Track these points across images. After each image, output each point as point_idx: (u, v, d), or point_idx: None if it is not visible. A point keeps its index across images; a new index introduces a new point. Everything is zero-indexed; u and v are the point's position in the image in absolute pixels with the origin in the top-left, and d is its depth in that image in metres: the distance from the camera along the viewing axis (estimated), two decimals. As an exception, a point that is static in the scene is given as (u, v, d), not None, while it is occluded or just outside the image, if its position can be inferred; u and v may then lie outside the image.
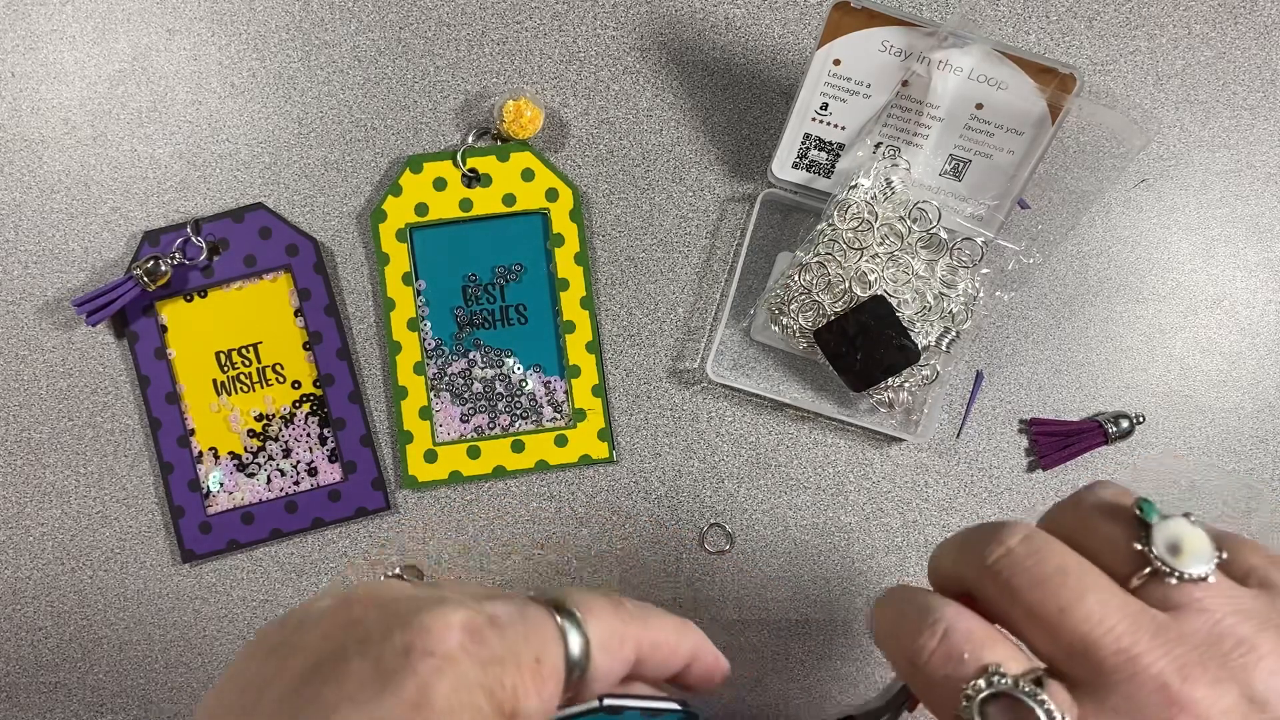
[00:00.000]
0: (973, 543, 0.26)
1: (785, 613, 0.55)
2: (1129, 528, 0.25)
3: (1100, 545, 0.25)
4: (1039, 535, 0.25)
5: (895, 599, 0.28)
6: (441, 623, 0.24)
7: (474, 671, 0.23)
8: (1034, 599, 0.24)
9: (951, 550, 0.28)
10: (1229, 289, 0.56)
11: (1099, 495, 0.26)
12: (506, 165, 0.54)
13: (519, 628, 0.25)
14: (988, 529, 0.26)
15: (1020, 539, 0.25)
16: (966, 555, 0.27)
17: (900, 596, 0.28)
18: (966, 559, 0.27)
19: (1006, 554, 0.25)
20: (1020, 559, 0.25)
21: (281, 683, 0.23)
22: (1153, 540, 0.24)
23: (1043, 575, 0.24)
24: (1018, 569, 0.25)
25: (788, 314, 0.52)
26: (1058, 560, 0.25)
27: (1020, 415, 0.56)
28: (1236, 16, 0.55)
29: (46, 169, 0.54)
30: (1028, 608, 0.24)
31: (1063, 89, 0.48)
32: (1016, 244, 0.52)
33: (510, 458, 0.54)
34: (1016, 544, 0.25)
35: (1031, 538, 0.25)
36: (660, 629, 0.29)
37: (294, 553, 0.55)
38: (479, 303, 0.55)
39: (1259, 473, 0.56)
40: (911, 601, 0.27)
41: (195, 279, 0.54)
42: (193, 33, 0.55)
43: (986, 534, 0.26)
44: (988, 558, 0.25)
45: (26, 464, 0.55)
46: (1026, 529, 0.26)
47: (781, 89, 0.55)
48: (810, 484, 0.55)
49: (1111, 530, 0.25)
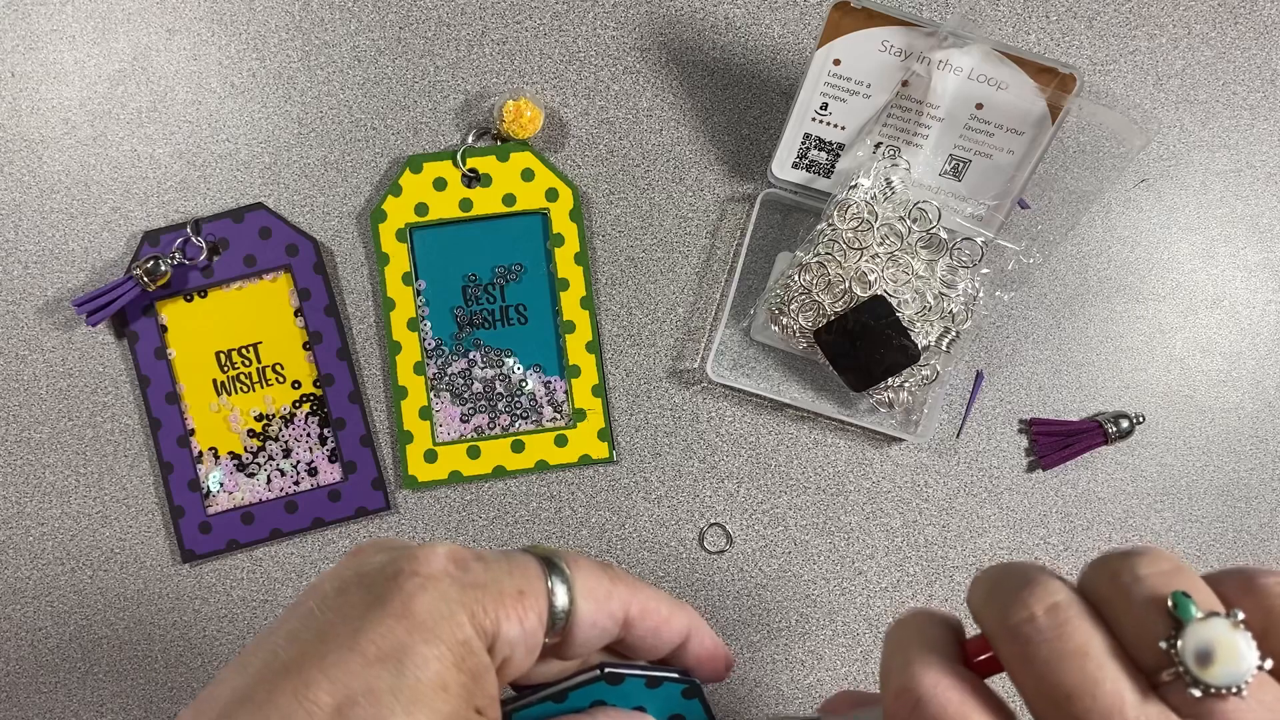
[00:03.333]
0: (1002, 591, 0.25)
1: (785, 613, 0.55)
2: (1162, 621, 0.23)
3: (1129, 630, 0.23)
4: (1067, 606, 0.24)
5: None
6: (429, 551, 0.26)
7: (455, 591, 0.26)
8: (1046, 675, 0.23)
9: (982, 590, 0.27)
10: (1229, 289, 0.56)
11: (1139, 571, 0.24)
12: (506, 165, 0.54)
13: (503, 564, 0.27)
14: (1018, 579, 0.25)
15: (1047, 608, 0.24)
16: (992, 604, 0.25)
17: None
18: (991, 608, 0.25)
19: (1030, 620, 0.24)
20: (1042, 630, 0.23)
21: (288, 624, 0.26)
22: (1183, 645, 0.22)
23: (1061, 653, 0.23)
24: (1037, 641, 0.23)
25: (788, 314, 0.52)
26: (1081, 640, 0.23)
27: (1020, 415, 0.56)
28: (1236, 16, 0.55)
29: (46, 169, 0.54)
30: (1037, 681, 0.23)
31: (1063, 89, 0.48)
32: (1016, 244, 0.52)
33: (510, 458, 0.54)
34: (1042, 613, 0.24)
35: (1058, 608, 0.24)
36: (651, 597, 0.30)
37: (294, 553, 0.55)
38: (479, 303, 0.55)
39: (1259, 473, 0.56)
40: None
41: (195, 279, 0.54)
42: (193, 33, 0.55)
43: (1014, 587, 0.25)
44: (1010, 618, 0.24)
45: (26, 464, 0.55)
46: (1057, 594, 0.24)
47: (781, 89, 0.55)
48: (810, 484, 0.55)
49: (1144, 618, 0.23)
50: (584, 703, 0.30)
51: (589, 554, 0.55)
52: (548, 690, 0.29)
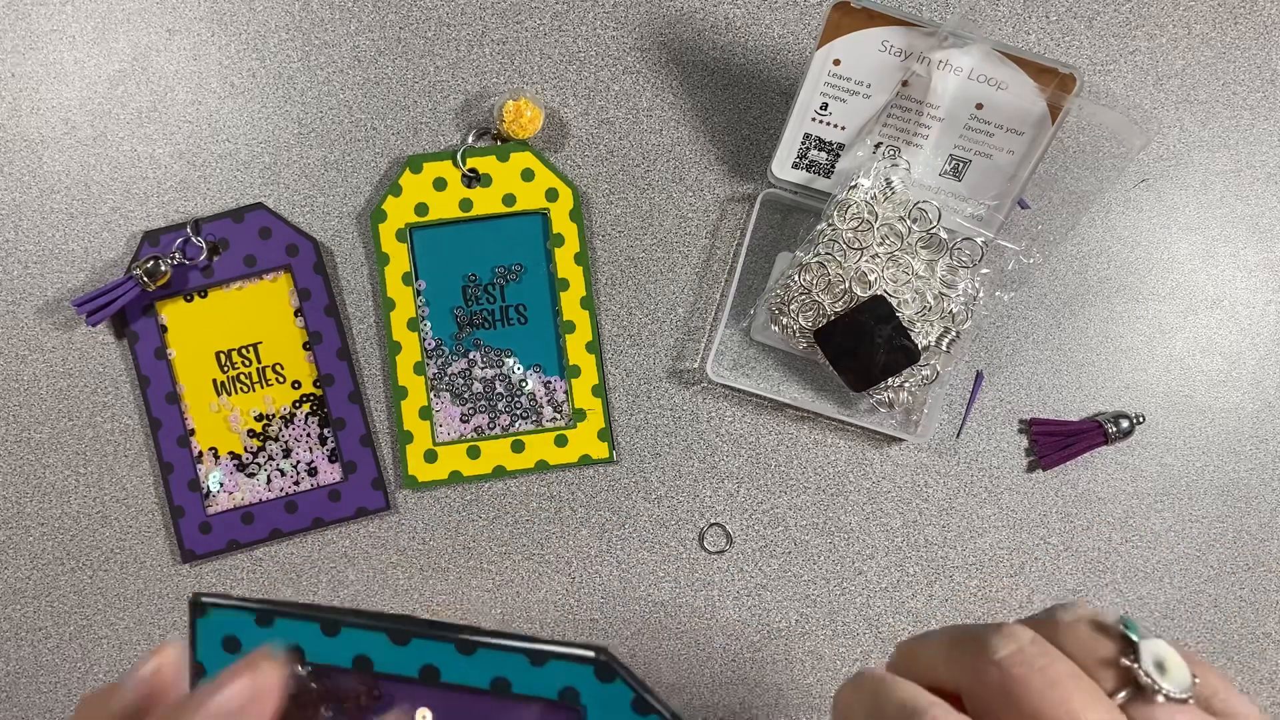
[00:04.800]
0: (972, 638, 0.25)
1: (785, 613, 0.55)
2: (1116, 643, 0.25)
3: (1084, 659, 0.25)
4: (1040, 640, 0.25)
5: (869, 689, 0.26)
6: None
7: None
8: (1043, 700, 0.23)
9: (940, 644, 0.27)
10: (1229, 289, 0.56)
11: (1077, 611, 0.26)
12: (506, 165, 0.54)
13: None
14: (987, 628, 0.26)
15: (1032, 639, 0.24)
16: (963, 650, 0.25)
17: (875, 688, 0.26)
18: (962, 654, 0.25)
19: (1019, 651, 0.24)
20: (1034, 658, 0.24)
21: None
22: (1140, 657, 0.24)
23: (1056, 677, 0.23)
24: (1032, 667, 0.24)
25: (788, 314, 0.52)
26: (1069, 666, 0.24)
27: (1020, 415, 0.56)
28: (1236, 16, 0.55)
29: (46, 169, 0.54)
30: (1035, 710, 0.23)
31: (1063, 89, 0.48)
32: (1016, 244, 0.52)
33: (510, 458, 0.54)
34: (1029, 643, 0.24)
35: (1041, 641, 0.25)
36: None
37: (294, 553, 0.55)
38: (479, 303, 0.55)
39: (1259, 473, 0.56)
40: (891, 696, 0.25)
41: (195, 279, 0.54)
42: (193, 33, 0.55)
43: (989, 631, 0.25)
44: (996, 652, 0.24)
45: (26, 464, 0.55)
46: (1025, 632, 0.25)
47: (781, 89, 0.55)
48: (810, 484, 0.55)
49: (1097, 644, 0.25)
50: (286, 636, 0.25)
51: (592, 553, 0.55)
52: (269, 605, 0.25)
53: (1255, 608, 0.56)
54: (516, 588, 0.55)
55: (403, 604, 0.55)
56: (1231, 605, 0.56)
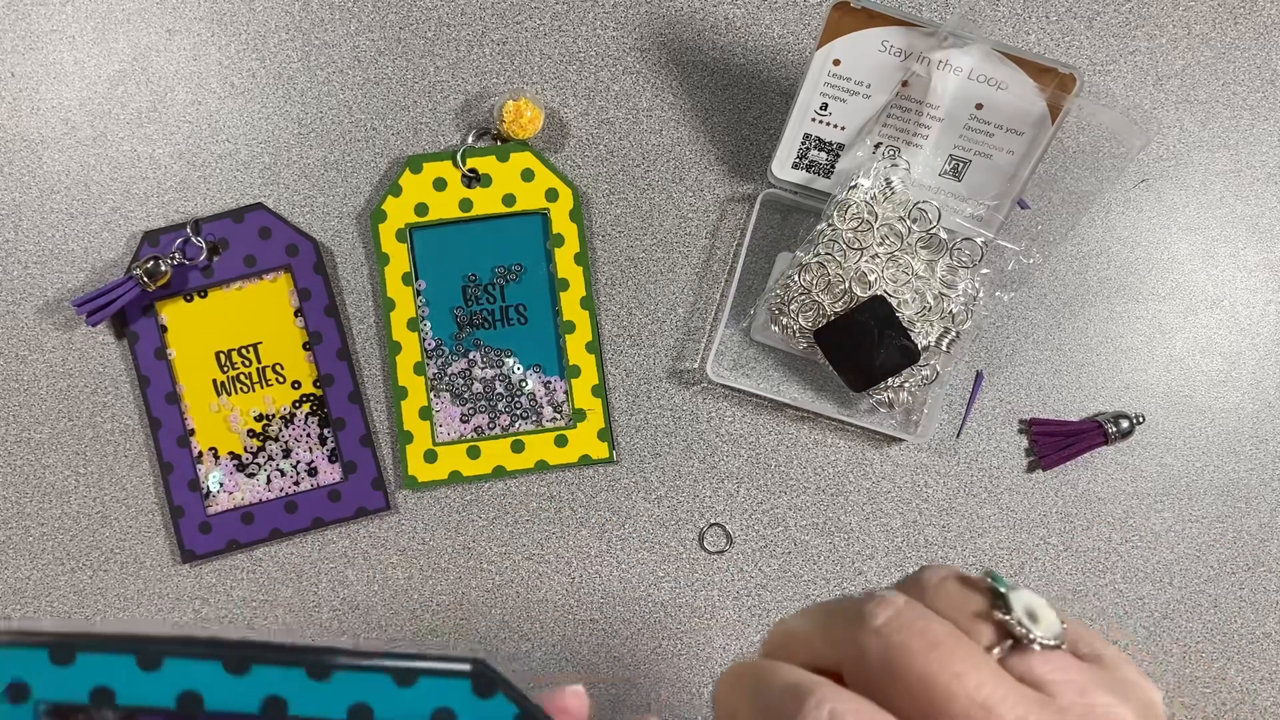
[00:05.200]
0: (847, 610, 0.24)
1: (785, 613, 0.55)
2: (986, 597, 0.24)
3: (958, 616, 0.24)
4: (918, 603, 0.24)
5: (749, 678, 0.25)
6: None
7: None
8: (927, 664, 0.22)
9: (815, 618, 0.25)
10: (1229, 289, 0.56)
11: (942, 571, 0.25)
12: (506, 165, 0.54)
13: None
14: (859, 598, 0.24)
15: (906, 603, 0.24)
16: (839, 622, 0.24)
17: (755, 676, 0.24)
18: (839, 626, 0.24)
19: (896, 616, 0.23)
20: (911, 621, 0.23)
21: None
22: (1012, 608, 0.24)
23: (936, 639, 0.23)
24: (910, 631, 0.23)
25: (788, 314, 0.52)
26: (946, 626, 0.23)
27: (1020, 415, 0.56)
28: (1236, 16, 0.55)
29: (46, 169, 0.54)
30: (920, 675, 0.22)
31: (1063, 89, 0.48)
32: (1016, 244, 0.52)
33: (510, 458, 0.54)
34: (904, 607, 0.23)
35: (914, 604, 0.24)
36: None
37: (294, 553, 0.55)
38: (479, 303, 0.55)
39: (1259, 473, 0.56)
40: (773, 681, 0.24)
41: (195, 279, 0.54)
42: (193, 33, 0.55)
43: (862, 601, 0.24)
44: (873, 619, 0.23)
45: (26, 464, 0.55)
46: (898, 596, 0.24)
47: (781, 89, 0.55)
48: (810, 484, 0.55)
49: (968, 600, 0.24)
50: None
51: (592, 553, 0.55)
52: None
53: (1255, 608, 0.56)
54: (516, 588, 0.55)
55: (403, 604, 0.55)
56: (1231, 605, 0.56)
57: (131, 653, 0.21)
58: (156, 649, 0.21)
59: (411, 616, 0.55)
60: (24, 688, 0.21)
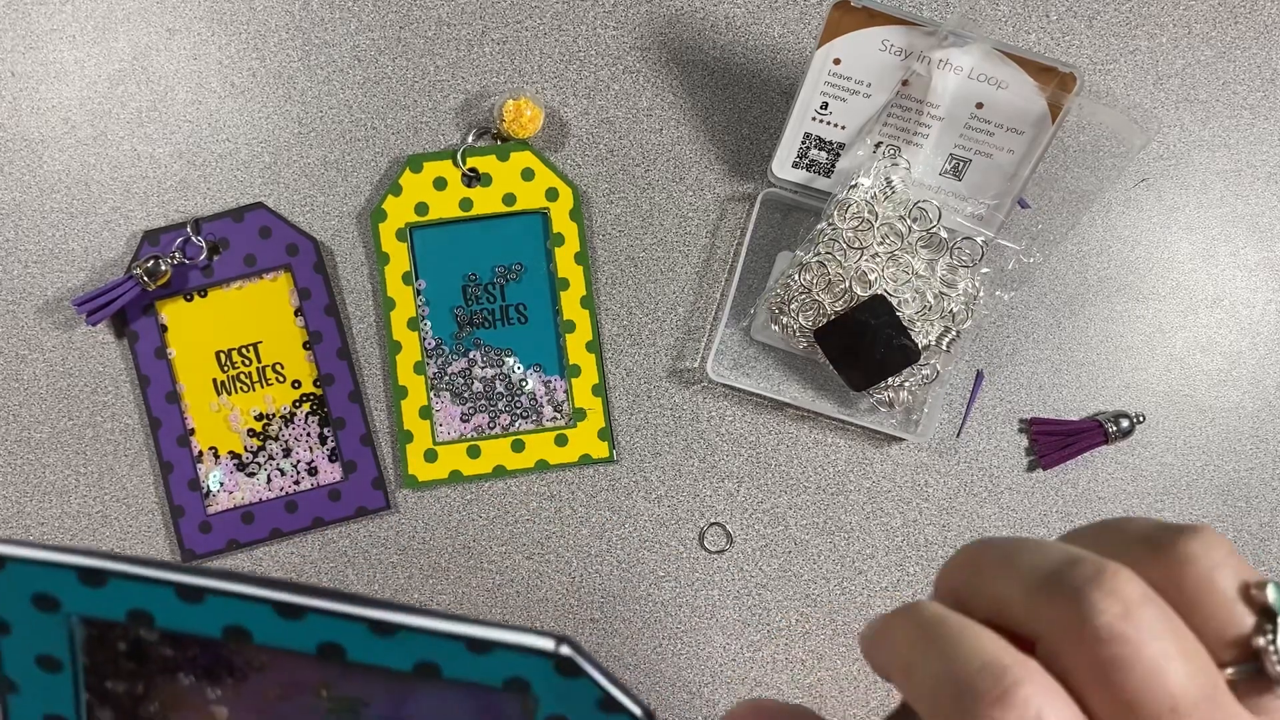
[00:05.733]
0: (1064, 580, 0.20)
1: (785, 613, 0.55)
2: (1255, 615, 0.20)
3: (1207, 619, 0.20)
4: (1156, 602, 0.20)
5: (936, 635, 0.21)
6: None
7: None
8: (1148, 689, 0.19)
9: (1021, 577, 0.21)
10: (1229, 289, 0.56)
11: (1215, 555, 0.20)
12: (506, 165, 0.54)
13: None
14: (1082, 569, 0.20)
15: (1142, 597, 0.19)
16: (1052, 594, 0.20)
17: (948, 635, 0.20)
18: (1050, 601, 0.20)
19: (1126, 616, 0.19)
20: (1145, 627, 0.19)
21: None
22: (1278, 640, 0.20)
23: (1167, 654, 0.19)
24: (1141, 645, 0.19)
25: (788, 313, 0.52)
26: (1183, 641, 0.19)
27: (1020, 415, 0.56)
28: (1236, 16, 0.55)
29: (46, 169, 0.54)
30: (1134, 698, 0.19)
31: (1063, 88, 0.48)
32: (1016, 243, 0.52)
33: (510, 457, 0.54)
34: (1139, 604, 0.19)
35: (1151, 602, 0.20)
36: None
37: (294, 552, 0.55)
38: (479, 302, 0.55)
39: (1259, 473, 0.56)
40: (971, 651, 0.20)
41: (195, 278, 0.54)
42: (193, 33, 0.55)
43: (1086, 579, 0.20)
44: (1098, 612, 0.19)
45: (26, 464, 0.55)
46: (1136, 585, 0.20)
47: (781, 89, 0.55)
48: (810, 484, 0.55)
49: (1232, 612, 0.20)
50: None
51: (592, 553, 0.55)
52: None
53: (1255, 607, 0.56)
54: (516, 588, 0.55)
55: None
56: (1232, 605, 0.56)
57: (169, 585, 0.20)
58: (197, 586, 0.19)
59: (411, 616, 0.55)
60: (53, 599, 0.20)
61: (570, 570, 0.55)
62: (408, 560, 0.55)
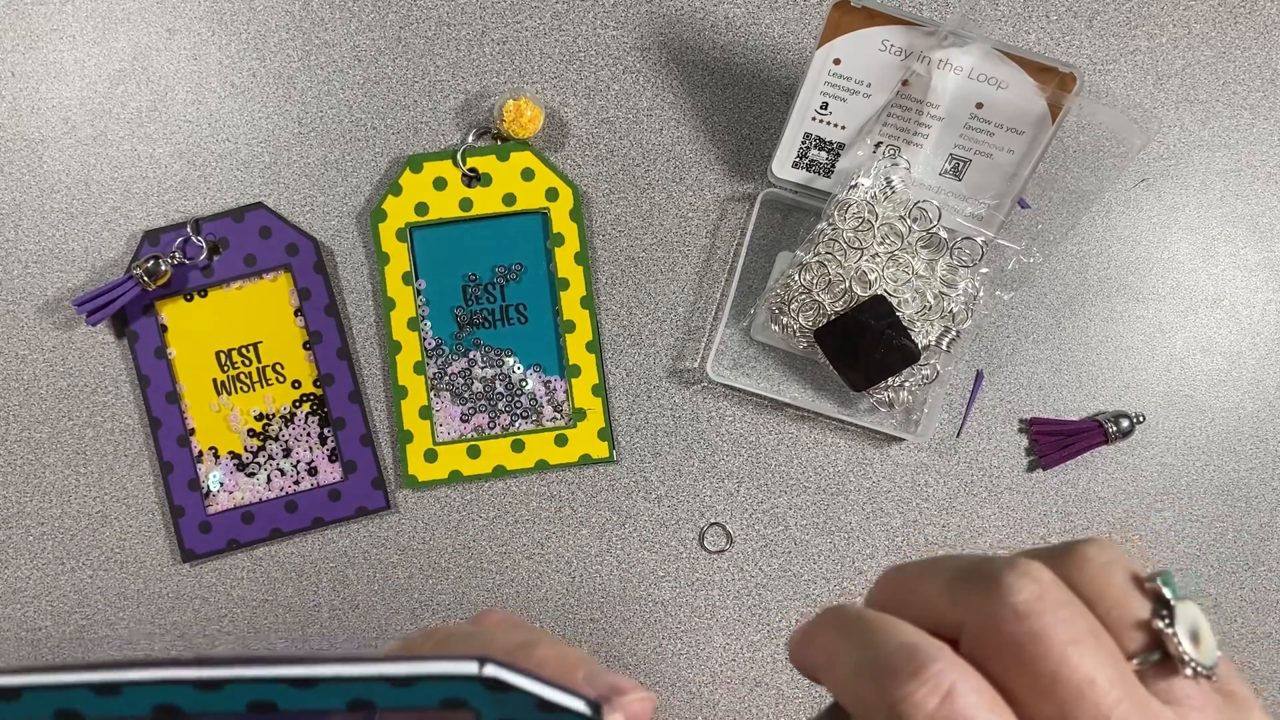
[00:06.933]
0: (982, 571, 0.22)
1: (785, 612, 0.55)
2: (1150, 602, 0.21)
3: (1108, 613, 0.21)
4: (1064, 586, 0.21)
5: (857, 627, 0.22)
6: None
7: None
8: (1063, 661, 0.20)
9: (943, 573, 0.23)
10: (1229, 289, 0.56)
11: (1110, 553, 0.22)
12: (506, 165, 0.54)
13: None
14: (998, 561, 0.22)
15: (1053, 582, 0.21)
16: (971, 583, 0.22)
17: (865, 626, 0.22)
18: (970, 588, 0.22)
19: (1039, 596, 0.21)
20: (1055, 606, 0.20)
21: None
22: (1176, 623, 0.21)
23: (1078, 634, 0.20)
24: (1052, 619, 0.20)
25: (788, 314, 0.52)
26: (1091, 621, 0.21)
27: (1020, 415, 0.56)
28: (1236, 16, 0.55)
29: (46, 169, 0.54)
30: (1052, 670, 0.20)
31: (1063, 88, 0.48)
32: (1016, 243, 0.52)
33: (510, 457, 0.54)
34: (1050, 587, 0.21)
35: (1061, 586, 0.21)
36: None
37: (294, 552, 0.55)
38: (479, 302, 0.55)
39: (1259, 472, 0.56)
40: (888, 637, 0.21)
41: (195, 278, 0.54)
42: (193, 33, 0.55)
43: (1002, 566, 0.21)
44: (1012, 592, 0.21)
45: (26, 464, 0.55)
46: (1044, 572, 0.21)
47: (781, 89, 0.55)
48: (810, 484, 0.55)
49: (1130, 599, 0.21)
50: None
51: (592, 553, 0.55)
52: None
53: (1255, 608, 0.56)
54: (516, 588, 0.55)
55: (403, 604, 0.55)
56: (1232, 605, 0.56)
57: (84, 688, 0.19)
58: (112, 680, 0.19)
59: (411, 616, 0.55)
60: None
61: (570, 570, 0.55)
62: (408, 560, 0.55)
